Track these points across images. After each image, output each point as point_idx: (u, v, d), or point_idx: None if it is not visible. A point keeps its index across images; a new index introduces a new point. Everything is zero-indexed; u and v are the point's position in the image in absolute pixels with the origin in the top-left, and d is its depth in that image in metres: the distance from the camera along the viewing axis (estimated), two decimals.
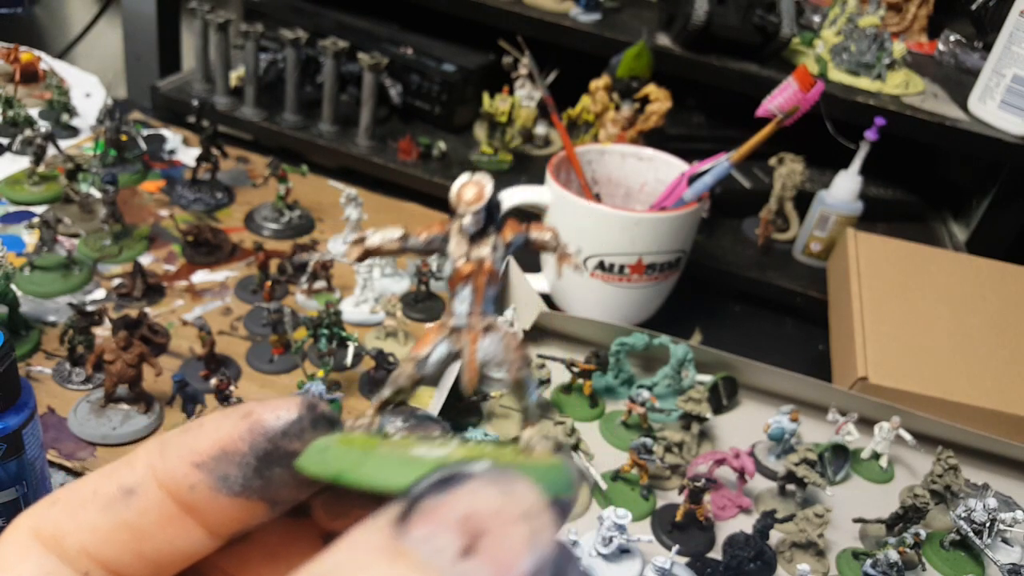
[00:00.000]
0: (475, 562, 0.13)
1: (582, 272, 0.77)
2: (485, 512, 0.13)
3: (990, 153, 0.96)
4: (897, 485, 0.74)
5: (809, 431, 0.76)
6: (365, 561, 0.13)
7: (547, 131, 1.14)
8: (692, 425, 0.72)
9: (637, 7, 1.12)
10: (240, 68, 1.09)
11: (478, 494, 0.13)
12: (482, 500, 0.13)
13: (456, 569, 0.13)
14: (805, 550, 0.64)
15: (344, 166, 1.05)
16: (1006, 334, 0.81)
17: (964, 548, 0.67)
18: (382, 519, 0.14)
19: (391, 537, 0.13)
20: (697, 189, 0.79)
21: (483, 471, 0.14)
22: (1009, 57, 0.93)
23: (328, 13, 1.17)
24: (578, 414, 0.74)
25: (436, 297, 0.84)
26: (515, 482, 0.14)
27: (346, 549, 0.14)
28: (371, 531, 0.14)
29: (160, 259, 0.85)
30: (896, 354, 0.77)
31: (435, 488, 0.14)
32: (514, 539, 0.13)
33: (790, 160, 0.97)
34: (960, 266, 0.87)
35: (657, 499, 0.68)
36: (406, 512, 0.14)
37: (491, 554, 0.13)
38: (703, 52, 0.97)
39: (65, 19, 1.37)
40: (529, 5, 1.02)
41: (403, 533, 0.13)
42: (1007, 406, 0.75)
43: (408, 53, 1.09)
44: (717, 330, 0.88)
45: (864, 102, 0.94)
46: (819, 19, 1.14)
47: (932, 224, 1.14)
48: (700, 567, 0.61)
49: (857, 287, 0.83)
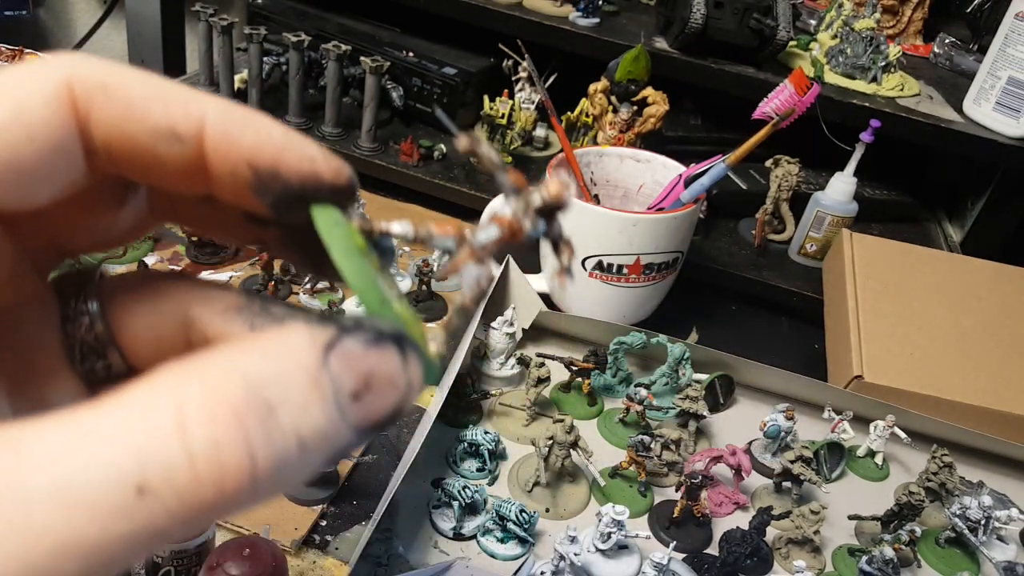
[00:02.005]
0: (356, 405, 0.16)
1: (571, 277, 0.77)
2: (382, 376, 0.16)
3: (985, 155, 0.97)
4: (892, 483, 0.75)
5: (805, 429, 0.77)
6: (290, 376, 0.16)
7: (546, 133, 1.15)
8: (689, 423, 0.73)
9: (635, 11, 1.13)
10: (244, 71, 1.10)
11: (387, 361, 0.17)
12: (386, 366, 0.17)
13: (343, 406, 0.16)
14: (801, 547, 0.65)
15: None
16: (1000, 333, 0.81)
17: (959, 545, 0.67)
18: (318, 338, 0.16)
19: (317, 361, 0.16)
20: (694, 190, 0.79)
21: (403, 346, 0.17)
22: (1004, 59, 0.94)
23: (331, 17, 1.18)
24: (577, 412, 0.75)
25: (437, 296, 0.85)
26: (413, 363, 0.17)
27: (276, 356, 0.16)
28: (303, 347, 0.16)
29: (165, 259, 0.86)
30: (891, 353, 0.78)
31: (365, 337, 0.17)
32: (386, 401, 0.17)
33: (786, 162, 0.98)
34: (955, 266, 0.88)
35: (655, 496, 0.68)
36: (333, 342, 0.16)
37: (368, 404, 0.16)
38: (700, 55, 0.98)
39: (70, 22, 1.38)
40: (529, 9, 1.03)
41: (325, 362, 0.16)
42: (1001, 404, 0.75)
43: (410, 57, 1.10)
44: (714, 329, 0.89)
45: (860, 104, 0.95)
46: (815, 22, 1.15)
47: (927, 225, 1.15)
48: (697, 563, 0.62)
49: (852, 287, 0.84)
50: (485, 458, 0.66)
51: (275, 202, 0.19)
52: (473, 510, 0.63)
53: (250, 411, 0.15)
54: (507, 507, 0.60)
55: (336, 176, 0.20)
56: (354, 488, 0.64)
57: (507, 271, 0.81)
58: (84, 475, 0.14)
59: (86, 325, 0.21)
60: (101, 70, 0.18)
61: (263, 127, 0.19)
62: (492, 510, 0.61)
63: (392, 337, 0.17)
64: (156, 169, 0.19)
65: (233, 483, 0.15)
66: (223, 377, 0.15)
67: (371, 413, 0.16)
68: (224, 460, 0.15)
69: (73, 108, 0.18)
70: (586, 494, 0.67)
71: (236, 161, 0.19)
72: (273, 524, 0.59)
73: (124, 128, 0.18)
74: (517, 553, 0.61)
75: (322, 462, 0.16)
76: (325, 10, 1.19)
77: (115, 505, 0.14)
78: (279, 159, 0.19)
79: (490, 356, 0.77)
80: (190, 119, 0.19)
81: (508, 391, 0.76)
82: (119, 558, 0.15)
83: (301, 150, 0.20)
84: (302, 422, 0.15)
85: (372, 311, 0.18)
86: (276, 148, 0.19)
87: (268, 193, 0.19)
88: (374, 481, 0.65)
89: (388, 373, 0.17)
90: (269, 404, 0.15)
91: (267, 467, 0.15)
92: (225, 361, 0.16)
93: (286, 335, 0.16)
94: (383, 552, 0.59)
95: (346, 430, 0.16)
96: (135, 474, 0.14)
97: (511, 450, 0.70)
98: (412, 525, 0.62)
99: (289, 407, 0.15)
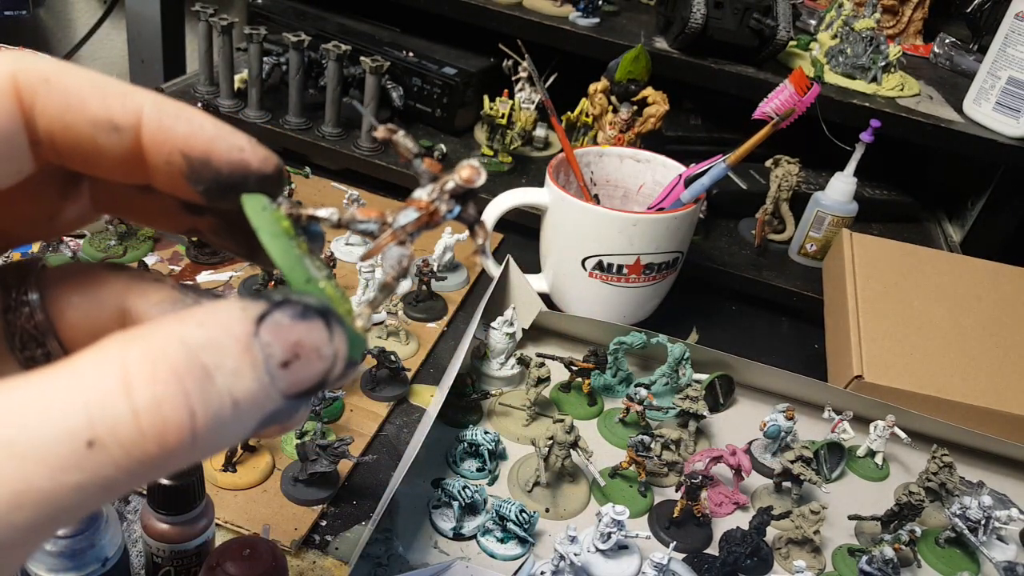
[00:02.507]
0: (285, 372, 0.18)
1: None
2: (308, 346, 0.18)
3: (985, 155, 0.97)
4: (892, 483, 0.75)
5: (805, 429, 0.77)
6: (224, 343, 0.17)
7: (546, 133, 1.15)
8: (689, 423, 0.73)
9: (635, 11, 1.13)
10: (244, 71, 1.10)
11: (313, 332, 0.18)
12: (313, 337, 0.18)
13: (274, 372, 0.17)
14: (801, 546, 0.65)
15: (346, 168, 1.06)
16: (1000, 334, 0.81)
17: (959, 545, 0.67)
18: (249, 311, 0.18)
19: (248, 333, 0.17)
20: (694, 190, 0.79)
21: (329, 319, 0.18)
22: (1004, 59, 0.94)
23: (331, 17, 1.18)
24: (577, 412, 0.75)
25: (437, 296, 0.85)
26: (339, 335, 0.19)
27: (211, 325, 0.17)
28: (236, 319, 0.17)
29: (165, 259, 0.86)
30: (891, 353, 0.78)
31: (293, 311, 0.18)
32: (314, 369, 0.18)
33: (786, 162, 0.98)
34: (955, 266, 0.88)
35: (655, 496, 0.68)
36: (265, 315, 0.18)
37: (296, 372, 0.18)
38: (700, 55, 0.98)
39: (70, 22, 1.38)
40: (529, 9, 1.03)
41: (256, 332, 0.17)
42: (1001, 404, 0.75)
43: (410, 57, 1.10)
44: (714, 329, 0.89)
45: (860, 104, 0.95)
46: (815, 22, 1.15)
47: (927, 225, 1.15)
48: (697, 563, 0.62)
49: (852, 287, 0.84)
50: (485, 458, 0.66)
51: (208, 189, 0.21)
52: (473, 510, 0.63)
53: (189, 372, 0.16)
54: (507, 507, 0.60)
55: (263, 164, 0.21)
56: (354, 488, 0.64)
57: (507, 271, 0.81)
58: (37, 429, 0.15)
59: (26, 314, 0.22)
60: (44, 65, 0.20)
61: (196, 118, 0.21)
62: (492, 510, 0.61)
63: (318, 311, 0.18)
64: (96, 159, 0.20)
65: (174, 438, 0.16)
66: (164, 342, 0.17)
67: (299, 380, 0.18)
68: (166, 416, 0.16)
69: (18, 100, 0.19)
70: (586, 494, 0.67)
71: (171, 150, 0.20)
72: (273, 524, 0.59)
73: (65, 119, 0.20)
74: (517, 553, 0.61)
75: (255, 425, 0.18)
76: (325, 10, 1.19)
77: (66, 457, 0.15)
78: (210, 148, 0.21)
79: (490, 356, 0.77)
80: (127, 110, 0.20)
81: (508, 391, 0.76)
82: (69, 508, 0.16)
83: (231, 140, 0.21)
84: (236, 385, 0.17)
85: (298, 288, 0.19)
86: (208, 138, 0.21)
87: (201, 181, 0.21)
88: (374, 481, 0.65)
89: (315, 343, 0.18)
90: (206, 367, 0.17)
91: (205, 425, 0.17)
92: (166, 328, 0.17)
93: (221, 308, 0.18)
94: (383, 552, 0.59)
95: (276, 395, 0.18)
96: (85, 428, 0.16)
97: (511, 450, 0.70)
98: (412, 525, 0.62)
99: (224, 371, 0.17)
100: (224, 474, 0.62)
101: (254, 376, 0.17)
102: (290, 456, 0.65)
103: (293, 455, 0.64)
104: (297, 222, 0.22)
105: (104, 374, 0.16)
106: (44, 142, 0.20)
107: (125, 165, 0.21)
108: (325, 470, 0.61)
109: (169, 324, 0.17)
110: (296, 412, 0.19)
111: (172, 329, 0.17)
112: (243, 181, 0.21)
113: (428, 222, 0.22)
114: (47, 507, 0.15)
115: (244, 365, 0.17)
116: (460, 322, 0.85)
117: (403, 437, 0.69)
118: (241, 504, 0.60)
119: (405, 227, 0.22)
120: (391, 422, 0.71)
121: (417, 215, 0.22)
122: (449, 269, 0.89)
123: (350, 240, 0.90)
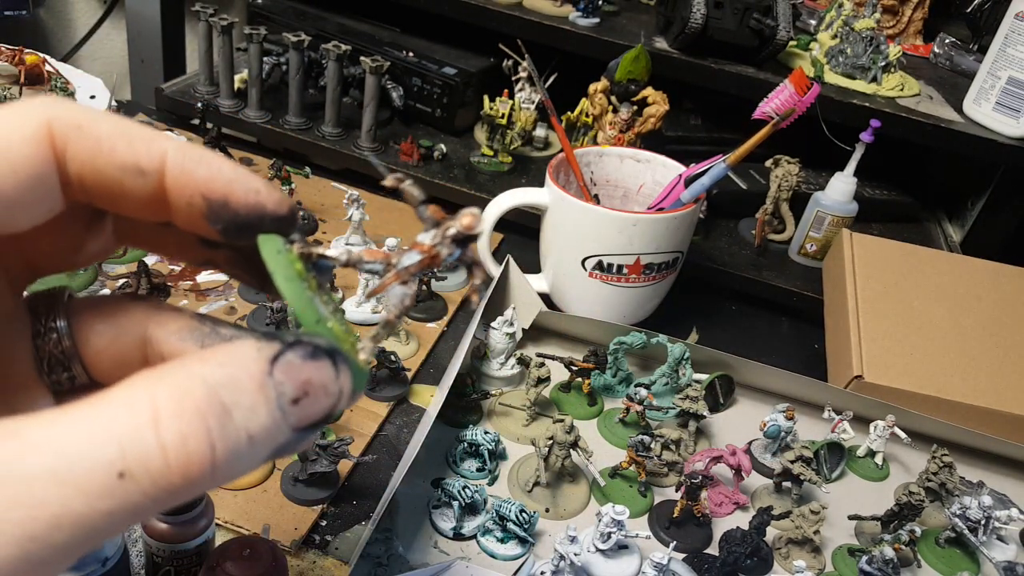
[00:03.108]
0: (295, 408, 0.19)
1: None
2: (317, 384, 0.20)
3: (985, 155, 0.97)
4: (892, 482, 0.75)
5: (805, 429, 0.77)
6: (242, 382, 0.19)
7: (546, 133, 1.15)
8: (689, 423, 0.73)
9: (635, 11, 1.13)
10: (244, 71, 1.10)
11: (322, 371, 0.20)
12: (321, 376, 0.20)
13: (285, 409, 0.19)
14: (801, 546, 0.65)
15: (346, 167, 1.06)
16: (1000, 334, 0.81)
17: (959, 545, 0.67)
18: (264, 352, 0.19)
19: (263, 372, 0.19)
20: (694, 190, 0.79)
21: (336, 359, 0.20)
22: (1004, 59, 0.94)
23: (331, 17, 1.18)
24: (577, 412, 0.75)
25: (438, 297, 0.85)
26: (344, 374, 0.20)
27: (229, 364, 0.19)
28: (252, 359, 0.19)
29: (164, 259, 0.86)
30: (891, 353, 0.78)
31: (304, 351, 0.20)
32: (321, 405, 0.20)
33: (786, 162, 0.98)
34: (955, 266, 0.88)
35: (655, 496, 0.68)
36: (278, 355, 0.19)
37: (305, 408, 0.19)
38: (700, 55, 0.98)
39: (70, 21, 1.38)
40: (529, 9, 1.03)
41: (271, 372, 0.19)
42: (1001, 404, 0.75)
43: (410, 57, 1.10)
44: (714, 329, 0.89)
45: (860, 104, 0.95)
46: (815, 22, 1.15)
47: (927, 225, 1.15)
48: (697, 563, 0.62)
49: (852, 287, 0.84)
50: (485, 458, 0.66)
51: (225, 229, 0.22)
52: (473, 510, 0.63)
53: (210, 409, 0.18)
54: (507, 507, 0.60)
55: (278, 207, 0.23)
56: (354, 488, 0.64)
57: (507, 271, 0.81)
58: (77, 459, 0.17)
59: (54, 340, 0.25)
60: (77, 111, 0.21)
61: (215, 163, 0.22)
62: (492, 510, 0.61)
63: (327, 351, 0.20)
64: (122, 199, 0.22)
65: (197, 470, 0.18)
66: (188, 381, 0.18)
67: (308, 415, 0.20)
68: (190, 450, 0.18)
69: (51, 145, 0.21)
70: (586, 494, 0.67)
71: (192, 193, 0.22)
72: (273, 524, 0.59)
73: (95, 163, 0.21)
74: (517, 553, 0.61)
75: (267, 456, 0.19)
76: (325, 10, 1.19)
77: (101, 485, 0.17)
78: (229, 191, 0.22)
79: (490, 356, 0.77)
80: (152, 156, 0.22)
81: (508, 391, 0.76)
82: (101, 531, 0.17)
83: (248, 183, 0.23)
84: (251, 421, 0.19)
85: (309, 328, 0.21)
86: (226, 181, 0.22)
87: (219, 221, 0.22)
88: (374, 481, 0.65)
89: (323, 382, 0.20)
90: (225, 405, 0.18)
91: (223, 458, 0.18)
92: (189, 368, 0.19)
93: (238, 348, 0.19)
94: (383, 552, 0.59)
95: (287, 429, 0.19)
96: (118, 459, 0.17)
97: (511, 450, 0.70)
98: (412, 525, 0.62)
99: (241, 408, 0.18)
100: None
101: (268, 412, 0.19)
102: (290, 456, 0.65)
103: (293, 455, 0.64)
104: (308, 260, 0.24)
105: (135, 411, 0.18)
106: (74, 183, 0.22)
107: (149, 205, 0.22)
108: (325, 470, 0.61)
109: (193, 364, 0.19)
110: (302, 442, 0.20)
111: (195, 369, 0.18)
112: (259, 221, 0.23)
113: (430, 265, 0.24)
114: (81, 530, 0.17)
115: (259, 402, 0.19)
116: (460, 322, 0.85)
117: (403, 437, 0.69)
118: (241, 504, 0.60)
119: (408, 268, 0.24)
120: (391, 422, 0.71)
121: (420, 257, 0.24)
122: (449, 269, 0.89)
123: (350, 240, 0.90)
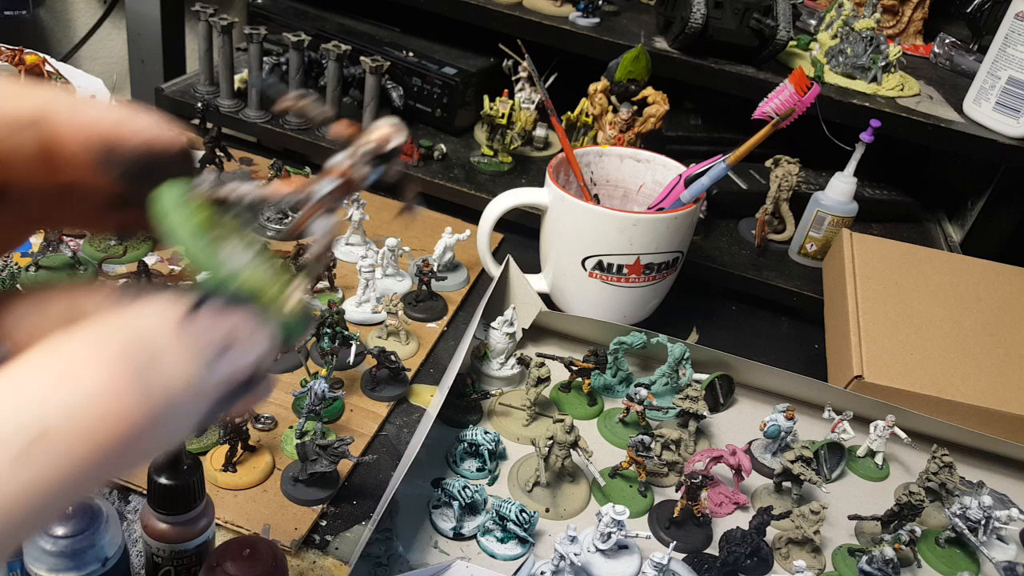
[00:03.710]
0: (220, 361, 0.19)
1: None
2: (239, 336, 0.19)
3: (985, 155, 0.97)
4: (892, 483, 0.75)
5: (805, 429, 0.77)
6: (159, 327, 0.18)
7: (546, 133, 1.15)
8: (689, 423, 0.73)
9: (635, 11, 1.13)
10: (244, 71, 1.10)
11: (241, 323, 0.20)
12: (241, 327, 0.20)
13: (210, 360, 0.19)
14: (801, 546, 0.65)
15: None
16: (1000, 334, 0.81)
17: (959, 545, 0.67)
18: (181, 303, 0.19)
19: (183, 320, 0.19)
20: (694, 190, 0.79)
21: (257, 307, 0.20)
22: (1004, 59, 0.94)
23: (331, 17, 1.18)
24: (577, 412, 0.75)
25: (437, 296, 0.85)
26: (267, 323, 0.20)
27: (145, 315, 0.18)
28: (169, 308, 0.19)
29: (165, 259, 0.86)
30: (891, 353, 0.78)
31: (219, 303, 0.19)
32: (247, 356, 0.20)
33: (786, 162, 0.98)
34: (955, 266, 0.88)
35: (655, 496, 0.68)
36: (195, 306, 0.19)
37: (232, 358, 0.19)
38: (700, 55, 0.98)
39: (70, 22, 1.38)
40: (529, 9, 1.03)
41: (190, 320, 0.19)
42: (1001, 404, 0.75)
43: (410, 57, 1.10)
44: (714, 329, 0.89)
45: (860, 104, 0.95)
46: (815, 22, 1.15)
47: (927, 225, 1.15)
48: (697, 563, 0.62)
49: (852, 287, 0.84)
50: (485, 458, 0.66)
51: (124, 173, 0.21)
52: (473, 510, 0.63)
53: (132, 353, 0.17)
54: (507, 507, 0.60)
55: (172, 141, 0.22)
56: (354, 488, 0.64)
57: (507, 271, 0.81)
58: None
59: None
60: None
61: (102, 105, 0.21)
62: (492, 510, 0.61)
63: (247, 301, 0.20)
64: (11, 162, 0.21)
65: (128, 418, 0.17)
66: (104, 329, 0.17)
67: (234, 368, 0.19)
68: (120, 395, 0.17)
69: None
70: (586, 494, 0.67)
71: (86, 136, 0.21)
72: (273, 524, 0.59)
73: None
74: (517, 553, 0.61)
75: (200, 414, 0.19)
76: (325, 10, 1.19)
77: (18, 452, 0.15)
78: (119, 128, 0.21)
79: (490, 356, 0.77)
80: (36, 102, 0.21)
81: (508, 391, 0.76)
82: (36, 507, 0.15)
83: (138, 120, 0.21)
84: (175, 368, 0.18)
85: (220, 282, 0.20)
86: (116, 120, 0.21)
87: (115, 164, 0.21)
88: (374, 481, 0.65)
89: (245, 332, 0.20)
90: (147, 350, 0.18)
91: (157, 405, 0.17)
92: (104, 320, 0.18)
93: (155, 302, 0.19)
94: (383, 552, 0.59)
95: (214, 382, 0.19)
96: (37, 419, 0.15)
97: (511, 450, 0.70)
98: (412, 525, 0.62)
99: (163, 357, 0.18)
100: (224, 474, 0.62)
101: (191, 361, 0.18)
102: (290, 456, 0.65)
103: (293, 455, 0.64)
104: (222, 203, 0.22)
105: (51, 364, 0.16)
106: None
107: (41, 164, 0.21)
108: (325, 470, 0.61)
109: (110, 316, 0.18)
110: (238, 400, 0.20)
111: (112, 320, 0.18)
112: (156, 161, 0.22)
113: (350, 188, 0.22)
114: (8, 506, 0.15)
115: (180, 352, 0.18)
116: (460, 322, 0.85)
117: (403, 437, 0.69)
118: (241, 504, 0.60)
119: (327, 197, 0.22)
120: (391, 422, 0.71)
121: (337, 183, 0.22)
122: (449, 269, 0.89)
123: (350, 240, 0.90)
